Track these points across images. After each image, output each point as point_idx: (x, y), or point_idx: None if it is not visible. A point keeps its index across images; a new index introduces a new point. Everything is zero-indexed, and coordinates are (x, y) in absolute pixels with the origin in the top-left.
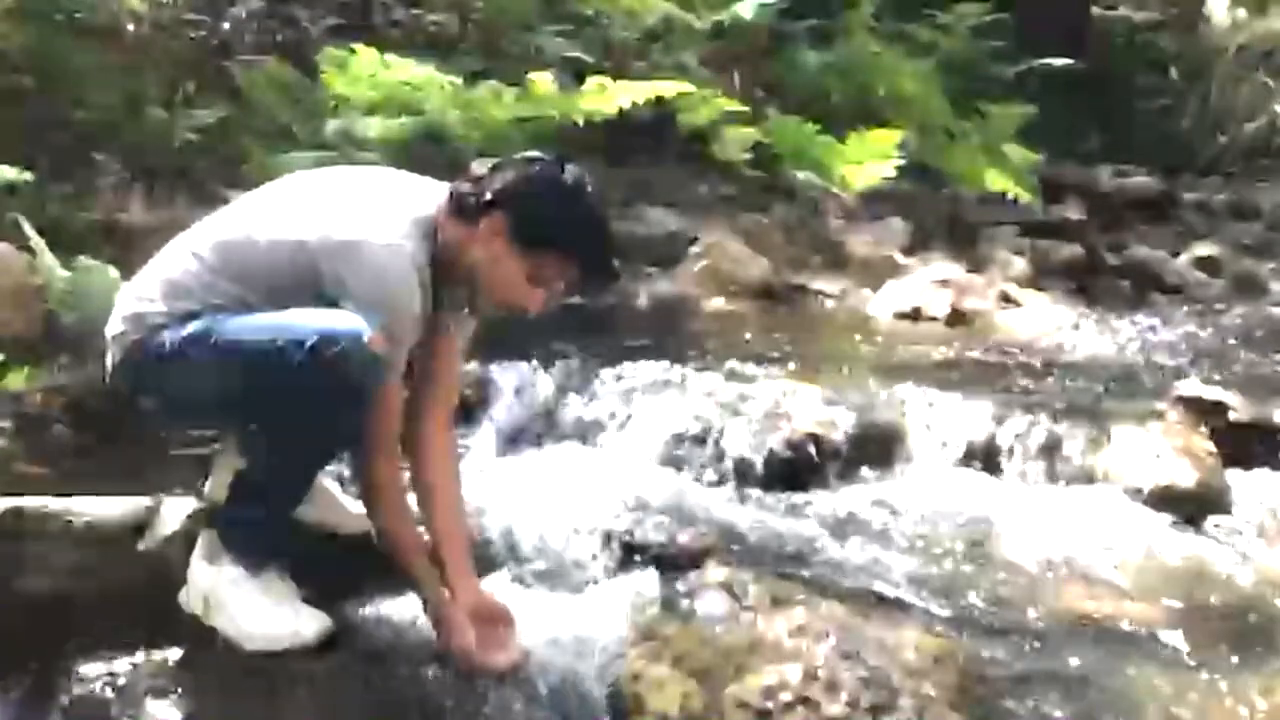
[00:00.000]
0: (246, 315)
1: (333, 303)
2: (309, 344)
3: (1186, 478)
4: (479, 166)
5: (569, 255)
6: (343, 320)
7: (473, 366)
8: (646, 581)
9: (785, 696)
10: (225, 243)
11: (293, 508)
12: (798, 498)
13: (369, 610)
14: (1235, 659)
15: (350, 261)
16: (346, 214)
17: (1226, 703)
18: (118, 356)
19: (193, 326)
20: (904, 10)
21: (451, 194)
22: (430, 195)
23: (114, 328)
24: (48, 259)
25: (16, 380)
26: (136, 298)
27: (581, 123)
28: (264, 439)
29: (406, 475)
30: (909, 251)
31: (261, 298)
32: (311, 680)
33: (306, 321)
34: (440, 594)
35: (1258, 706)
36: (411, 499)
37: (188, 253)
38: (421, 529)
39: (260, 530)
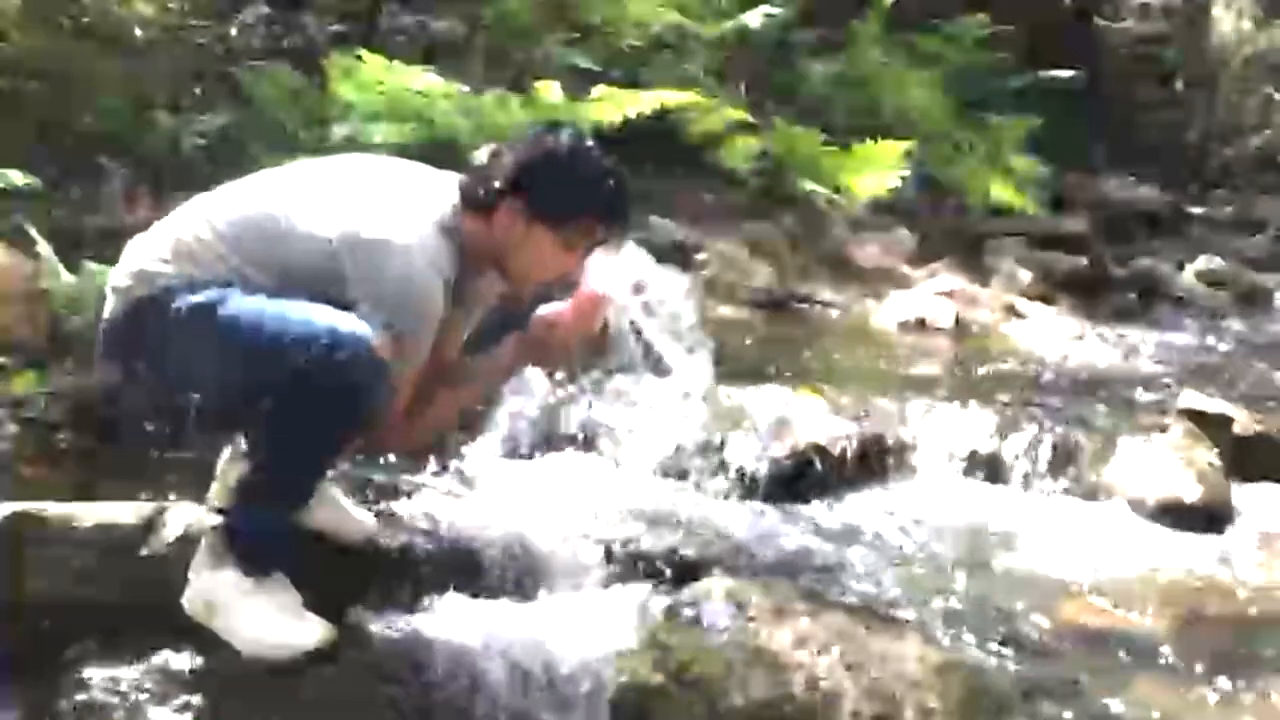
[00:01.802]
0: (258, 298)
1: (345, 297)
2: (315, 344)
3: (1191, 491)
4: (480, 155)
5: (592, 213)
6: (351, 324)
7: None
8: (649, 591)
9: (788, 707)
10: (244, 220)
11: (295, 512)
12: (801, 508)
13: (371, 617)
14: (1239, 672)
15: (376, 262)
16: (373, 212)
17: (1229, 715)
18: (118, 310)
19: (201, 296)
20: (910, 22)
21: (462, 190)
22: (449, 192)
23: (119, 280)
24: (54, 264)
25: (21, 384)
26: (147, 255)
27: (588, 131)
28: (265, 441)
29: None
30: (914, 262)
31: (272, 280)
32: (313, 688)
33: (317, 319)
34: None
35: (1262, 718)
36: None
37: (204, 221)
38: None
39: (263, 536)
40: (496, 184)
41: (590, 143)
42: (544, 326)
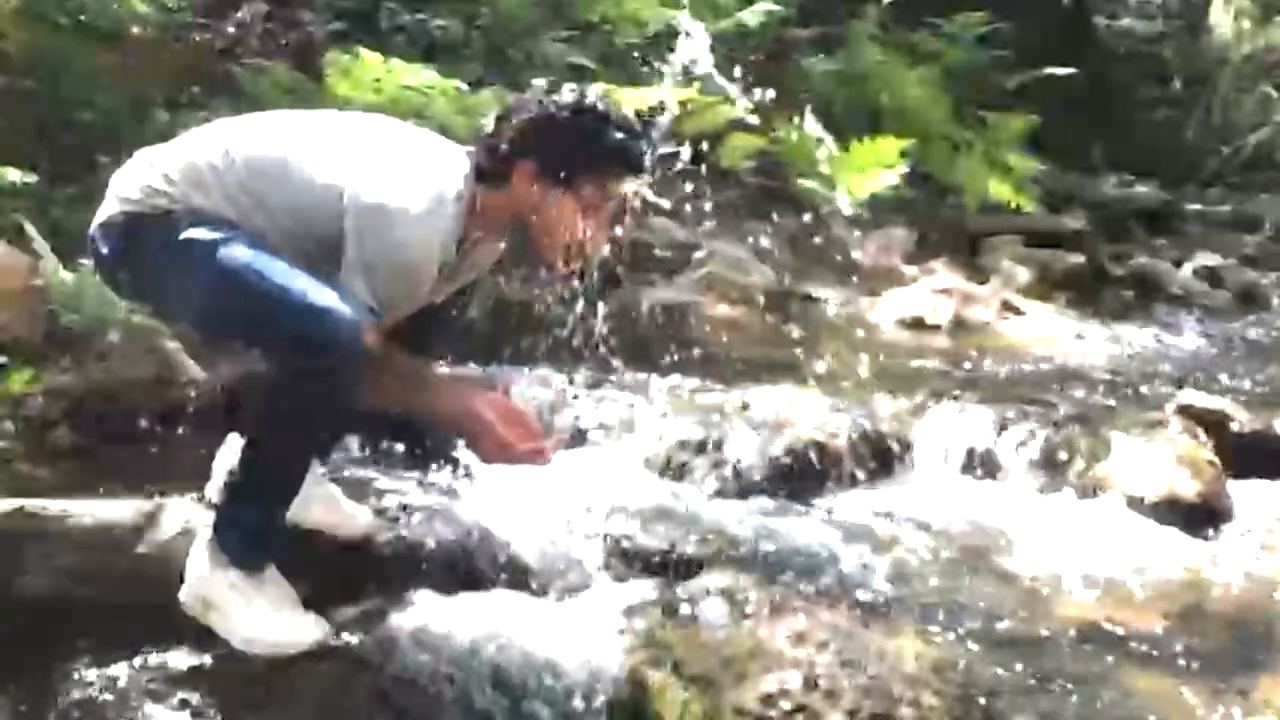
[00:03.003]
0: (259, 253)
1: (340, 253)
2: (305, 319)
3: (1188, 488)
4: (484, 128)
5: (605, 167)
6: (345, 306)
7: (476, 370)
8: (647, 588)
9: (785, 704)
10: (261, 160)
11: (285, 503)
12: (799, 505)
13: (368, 614)
14: (1236, 669)
15: (375, 227)
16: (383, 176)
17: (1226, 712)
18: (116, 217)
19: (201, 233)
20: (908, 19)
21: (475, 161)
22: (461, 163)
23: (124, 189)
24: (51, 261)
25: (18, 382)
26: (155, 169)
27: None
28: (252, 426)
29: None
30: (912, 260)
31: (274, 227)
32: (309, 685)
33: (311, 294)
34: (455, 394)
35: (1258, 716)
36: None
37: (222, 149)
38: None
39: (257, 532)
40: (505, 150)
41: (594, 98)
42: (496, 440)
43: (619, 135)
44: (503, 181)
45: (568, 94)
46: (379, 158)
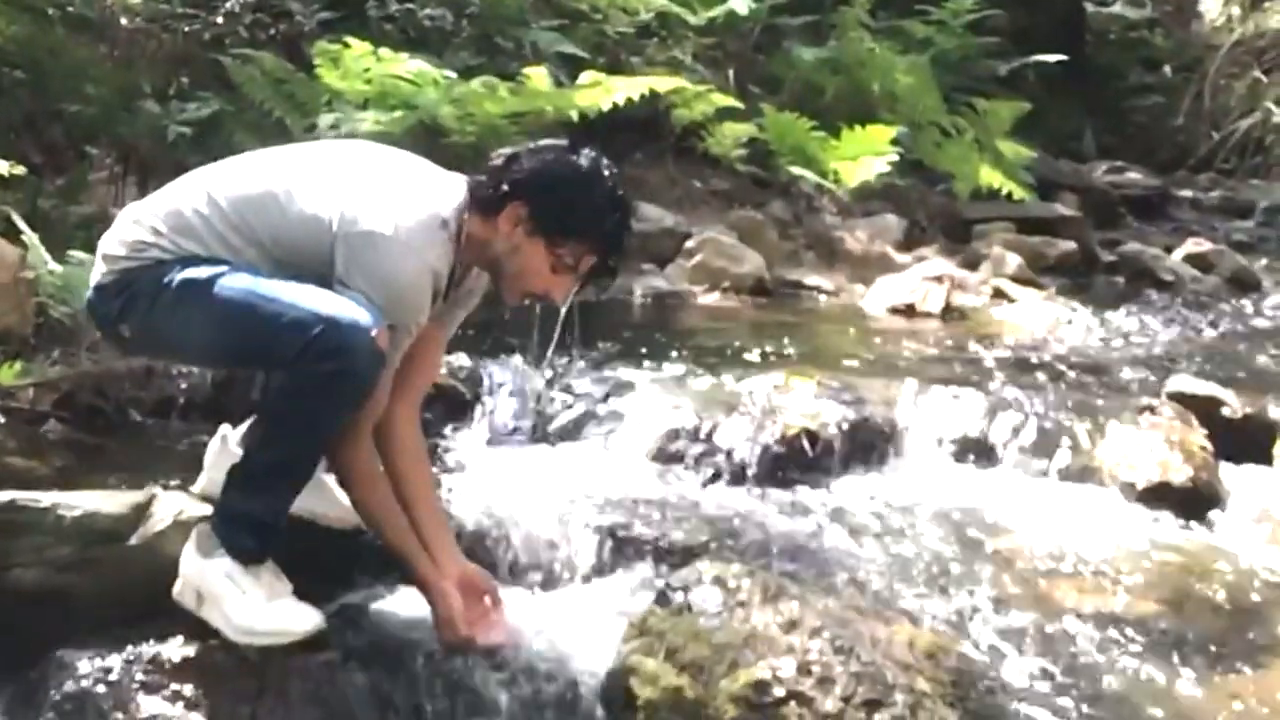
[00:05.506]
0: (256, 276)
1: (337, 282)
2: (314, 328)
3: (1180, 473)
4: (495, 158)
5: (589, 241)
6: (352, 310)
7: (467, 361)
8: (640, 576)
9: (778, 691)
10: (246, 199)
11: (292, 497)
12: (791, 493)
13: (362, 604)
14: (1229, 653)
15: (370, 254)
16: (373, 203)
17: (1219, 696)
18: (108, 277)
19: (196, 272)
20: (898, 6)
21: (470, 188)
22: (453, 190)
23: (110, 247)
24: (40, 253)
25: (8, 375)
26: (141, 225)
27: (576, 118)
28: (261, 425)
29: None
30: (903, 247)
31: (267, 261)
32: (304, 676)
33: (317, 303)
34: (429, 568)
35: (1250, 700)
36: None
37: (204, 194)
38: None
39: (260, 524)
40: (504, 187)
41: (608, 170)
42: (465, 618)
43: (615, 217)
44: (492, 213)
45: (585, 158)
46: (369, 186)
